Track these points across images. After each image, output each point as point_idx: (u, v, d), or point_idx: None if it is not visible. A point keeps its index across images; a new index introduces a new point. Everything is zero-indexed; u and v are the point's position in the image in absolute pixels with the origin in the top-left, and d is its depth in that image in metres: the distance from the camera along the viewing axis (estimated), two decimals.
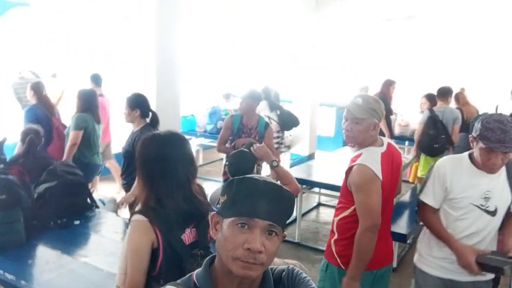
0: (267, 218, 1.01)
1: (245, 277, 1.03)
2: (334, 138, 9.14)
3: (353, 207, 2.10)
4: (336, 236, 2.21)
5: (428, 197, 2.16)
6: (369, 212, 2.02)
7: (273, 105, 5.80)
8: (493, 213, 2.07)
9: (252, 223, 1.01)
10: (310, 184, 4.84)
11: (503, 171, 2.07)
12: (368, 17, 8.35)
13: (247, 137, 3.91)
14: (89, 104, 4.29)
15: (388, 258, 2.28)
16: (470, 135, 2.04)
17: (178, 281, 1.13)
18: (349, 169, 2.08)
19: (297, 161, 6.85)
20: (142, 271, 1.66)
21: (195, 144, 7.10)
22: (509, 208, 2.12)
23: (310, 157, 7.35)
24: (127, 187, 3.54)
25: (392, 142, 2.34)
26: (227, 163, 3.99)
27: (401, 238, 3.64)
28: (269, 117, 5.84)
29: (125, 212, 3.59)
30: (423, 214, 2.22)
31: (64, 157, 4.01)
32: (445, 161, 2.17)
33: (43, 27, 6.43)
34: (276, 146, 5.91)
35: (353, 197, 2.09)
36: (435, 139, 4.92)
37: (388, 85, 6.22)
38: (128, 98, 3.42)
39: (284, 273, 1.14)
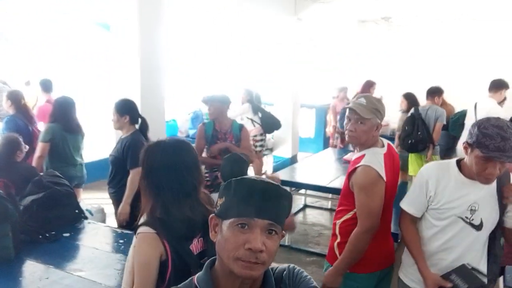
0: (267, 218, 1.02)
1: (247, 277, 1.03)
2: (315, 139, 9.21)
3: (355, 210, 2.10)
4: (338, 239, 2.20)
5: (409, 205, 2.02)
6: (370, 214, 2.02)
7: (256, 108, 5.78)
8: (478, 227, 1.90)
9: (252, 223, 1.01)
10: (296, 186, 4.84)
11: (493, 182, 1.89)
12: (346, 19, 8.45)
13: (222, 143, 3.80)
14: (58, 114, 4.00)
15: (391, 259, 2.28)
16: (464, 142, 1.86)
17: (180, 285, 1.13)
18: (353, 171, 2.07)
19: (281, 164, 6.88)
20: (151, 285, 1.60)
21: None
22: (503, 222, 1.95)
23: (293, 159, 7.40)
24: (115, 196, 3.44)
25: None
26: (207, 172, 3.94)
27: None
28: (252, 120, 5.82)
29: (113, 222, 3.50)
30: (402, 223, 2.07)
31: None
32: (430, 168, 2.01)
33: (15, 33, 6.23)
34: (259, 149, 5.91)
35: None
36: (410, 135, 5.05)
37: (369, 86, 6.31)
38: (117, 104, 3.32)
39: (285, 272, 1.14)
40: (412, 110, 5.19)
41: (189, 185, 1.70)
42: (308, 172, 5.03)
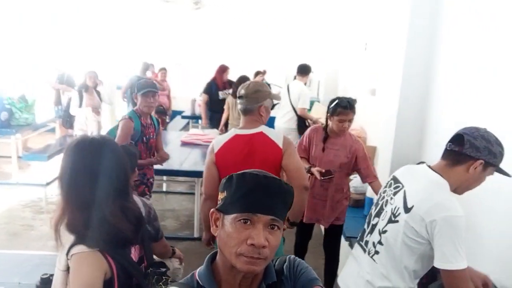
0: (270, 213, 1.01)
1: (249, 272, 1.03)
2: None
3: None
4: None
5: (464, 259, 1.55)
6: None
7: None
8: None
9: (255, 218, 1.00)
10: (167, 174, 4.81)
11: None
12: None
13: (148, 159, 3.38)
14: None
15: None
16: (481, 161, 1.59)
17: (181, 280, 1.11)
18: None
19: None
20: None
21: None
22: None
23: None
24: None
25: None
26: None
27: None
28: None
29: None
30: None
31: None
32: (457, 203, 1.60)
33: None
34: None
35: None
36: None
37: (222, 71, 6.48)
38: None
39: (285, 263, 1.16)
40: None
41: (103, 193, 1.43)
42: None
